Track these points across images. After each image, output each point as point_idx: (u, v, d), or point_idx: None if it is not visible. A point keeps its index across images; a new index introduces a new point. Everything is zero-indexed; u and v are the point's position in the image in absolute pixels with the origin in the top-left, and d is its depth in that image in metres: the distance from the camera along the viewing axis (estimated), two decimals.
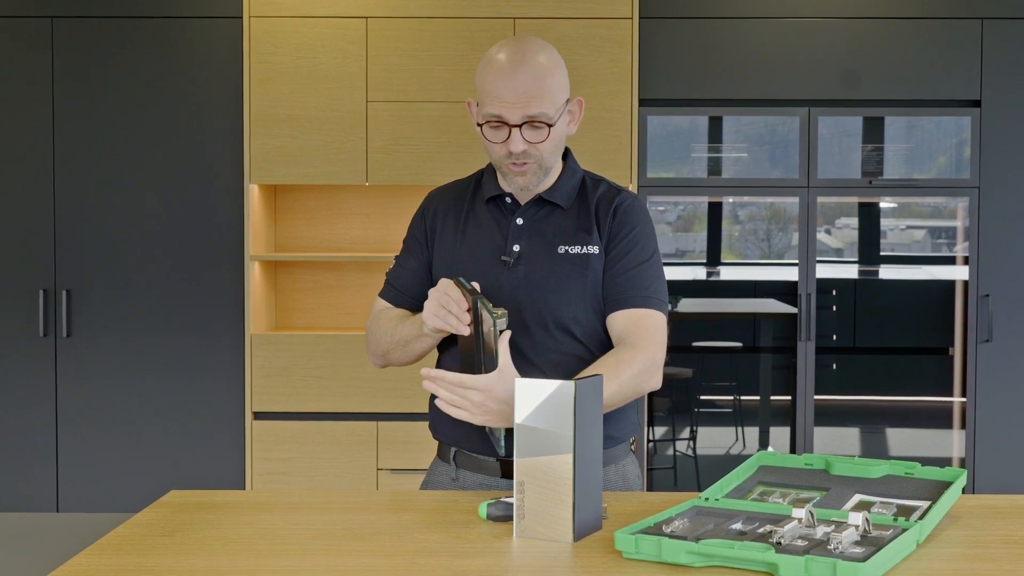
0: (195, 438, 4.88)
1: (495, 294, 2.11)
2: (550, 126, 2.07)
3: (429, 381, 1.96)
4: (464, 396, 1.94)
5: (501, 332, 1.98)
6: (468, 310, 1.99)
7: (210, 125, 4.86)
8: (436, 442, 2.28)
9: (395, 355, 2.21)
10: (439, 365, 2.24)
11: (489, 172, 2.25)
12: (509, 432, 2.03)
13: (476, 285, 2.02)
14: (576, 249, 2.14)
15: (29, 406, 4.91)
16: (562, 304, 2.11)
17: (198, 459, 4.87)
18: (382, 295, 2.30)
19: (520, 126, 2.06)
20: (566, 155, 2.24)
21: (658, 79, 4.92)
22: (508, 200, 2.19)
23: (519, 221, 2.17)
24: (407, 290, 2.25)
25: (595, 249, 2.14)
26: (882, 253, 5.62)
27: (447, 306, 2.00)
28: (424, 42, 4.64)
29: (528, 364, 2.09)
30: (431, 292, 2.03)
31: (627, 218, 2.16)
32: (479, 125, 2.11)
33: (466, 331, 2.00)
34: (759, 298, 5.63)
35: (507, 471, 2.12)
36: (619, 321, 2.11)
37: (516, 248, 2.15)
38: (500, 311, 2.00)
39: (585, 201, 2.19)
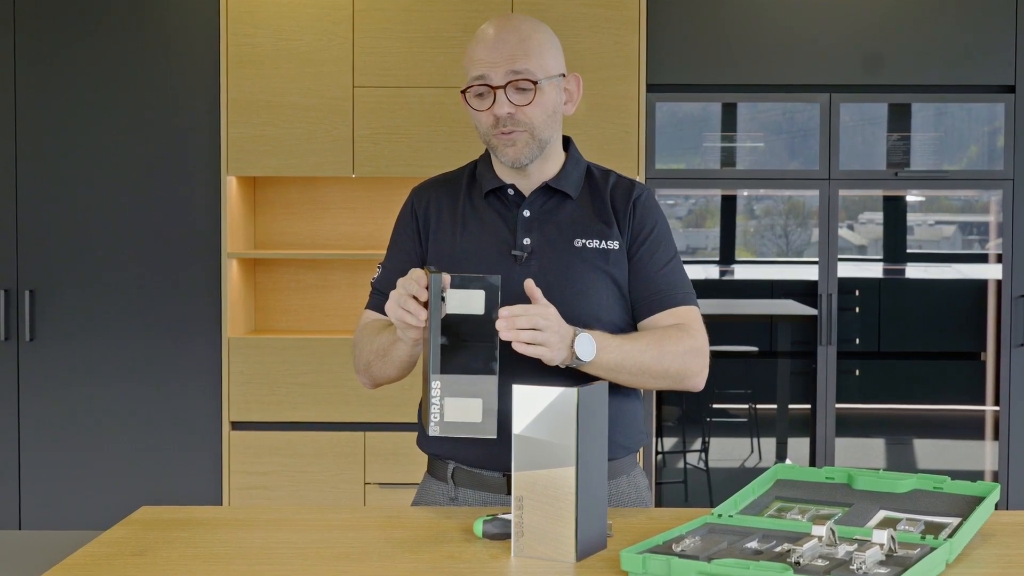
0: (168, 450, 4.87)
1: (506, 291, 2.05)
2: (535, 83, 2.10)
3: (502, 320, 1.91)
4: (536, 322, 1.91)
5: (444, 299, 1.90)
6: (427, 287, 1.91)
7: (184, 113, 4.86)
8: (426, 456, 2.25)
9: (376, 367, 2.16)
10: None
11: (484, 163, 2.25)
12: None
13: (446, 277, 1.92)
14: (595, 243, 2.16)
15: None
16: (582, 300, 2.12)
17: (171, 472, 4.87)
18: (368, 306, 2.26)
19: (504, 87, 2.10)
20: (568, 145, 2.25)
21: (667, 63, 4.92)
22: (511, 192, 2.19)
23: (526, 213, 2.18)
24: None
25: (615, 244, 2.17)
26: (909, 250, 5.62)
27: (408, 289, 1.92)
28: (415, 23, 4.64)
29: (544, 365, 2.05)
30: (399, 281, 1.96)
31: (648, 214, 2.21)
32: (463, 94, 2.14)
33: (421, 321, 1.91)
34: (776, 299, 5.63)
35: None
36: (666, 321, 2.16)
37: (527, 241, 2.15)
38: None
39: (597, 192, 2.21)
